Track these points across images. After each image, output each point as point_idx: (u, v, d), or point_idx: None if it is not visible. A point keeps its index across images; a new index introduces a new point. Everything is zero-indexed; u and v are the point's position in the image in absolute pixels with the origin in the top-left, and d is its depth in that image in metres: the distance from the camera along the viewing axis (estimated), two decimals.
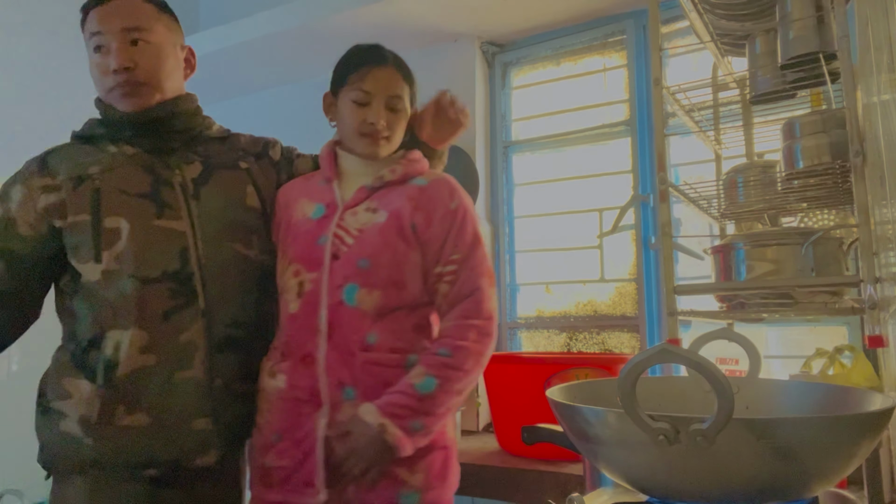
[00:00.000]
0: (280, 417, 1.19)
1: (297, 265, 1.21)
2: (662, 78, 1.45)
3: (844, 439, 0.62)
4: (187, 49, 1.32)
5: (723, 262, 1.47)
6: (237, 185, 1.27)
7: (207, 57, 2.63)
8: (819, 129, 1.37)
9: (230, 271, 1.22)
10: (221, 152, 1.30)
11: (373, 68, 1.24)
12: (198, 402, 1.16)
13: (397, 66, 1.27)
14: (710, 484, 0.63)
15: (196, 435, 1.16)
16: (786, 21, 1.40)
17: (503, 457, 1.83)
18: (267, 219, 1.30)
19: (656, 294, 2.18)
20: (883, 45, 0.93)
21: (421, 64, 2.51)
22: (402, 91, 1.26)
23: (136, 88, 1.19)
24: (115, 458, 1.14)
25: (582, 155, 2.41)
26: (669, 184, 1.45)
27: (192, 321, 1.17)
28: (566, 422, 0.74)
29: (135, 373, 1.14)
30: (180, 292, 1.17)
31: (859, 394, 0.78)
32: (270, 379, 1.21)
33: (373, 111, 1.22)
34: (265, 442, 1.20)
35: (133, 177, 1.20)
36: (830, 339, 1.81)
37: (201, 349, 1.17)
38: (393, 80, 1.25)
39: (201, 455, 1.17)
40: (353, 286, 1.18)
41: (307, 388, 1.17)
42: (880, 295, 1.12)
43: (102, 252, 1.16)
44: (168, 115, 1.23)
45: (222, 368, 1.19)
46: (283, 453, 1.18)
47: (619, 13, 2.30)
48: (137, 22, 1.19)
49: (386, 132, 1.24)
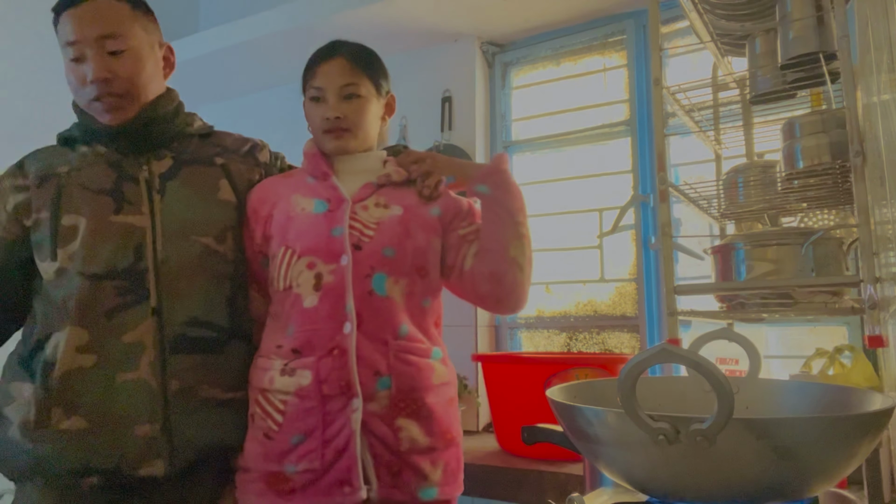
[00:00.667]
0: (302, 417, 1.13)
1: (311, 257, 1.18)
2: (662, 78, 1.45)
3: (844, 439, 0.62)
4: (165, 47, 1.27)
5: (723, 262, 1.47)
6: (208, 179, 1.22)
7: (207, 57, 2.64)
8: (819, 129, 1.37)
9: (195, 267, 1.15)
10: (198, 148, 1.26)
11: (321, 64, 1.25)
12: (142, 407, 1.08)
13: (350, 56, 1.25)
14: (710, 484, 0.63)
15: (138, 442, 1.07)
16: (786, 21, 1.40)
17: (503, 457, 1.83)
18: (242, 214, 1.24)
19: (656, 294, 2.18)
20: (883, 45, 0.93)
21: (421, 64, 2.55)
22: (357, 78, 1.24)
23: (117, 101, 1.16)
24: (54, 464, 1.07)
25: (582, 155, 2.41)
26: (669, 184, 1.45)
27: (139, 320, 1.10)
28: (566, 422, 0.74)
29: (71, 373, 1.08)
30: (129, 290, 1.11)
31: (859, 394, 0.78)
32: (286, 378, 1.15)
33: (328, 106, 1.23)
34: (281, 448, 1.13)
35: (97, 174, 1.17)
36: (830, 339, 1.82)
37: (150, 350, 1.10)
38: (343, 71, 1.24)
39: (146, 464, 1.07)
40: (381, 275, 1.18)
41: (338, 382, 1.13)
42: (880, 295, 1.12)
43: (58, 250, 1.12)
44: (146, 122, 1.19)
45: (180, 371, 1.11)
46: (309, 455, 1.12)
47: (619, 13, 2.30)
48: (112, 28, 1.13)
49: (345, 124, 1.23)
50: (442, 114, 2.46)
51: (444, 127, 2.45)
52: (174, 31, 2.87)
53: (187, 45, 2.64)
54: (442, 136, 2.45)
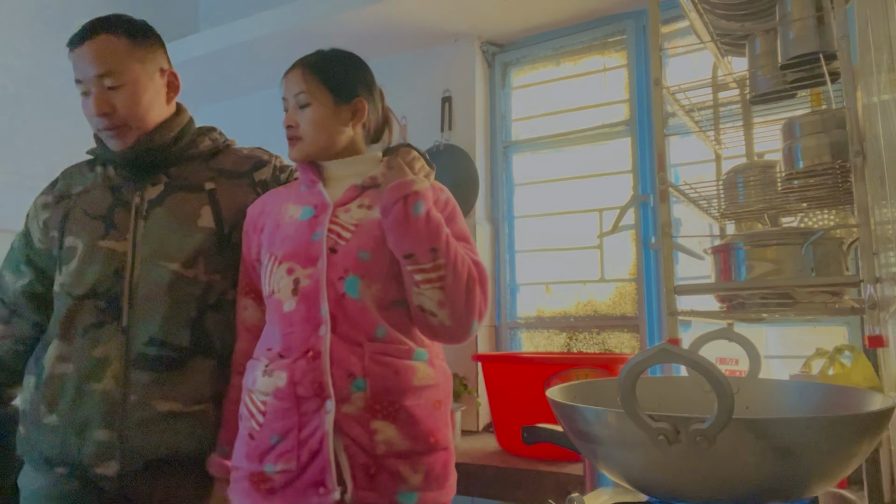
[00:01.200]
0: (279, 418, 1.15)
1: (290, 263, 1.20)
2: (662, 78, 1.45)
3: (844, 439, 0.62)
4: (168, 73, 1.35)
5: (723, 262, 1.47)
6: (191, 206, 1.30)
7: (207, 57, 2.64)
8: (819, 129, 1.37)
9: (163, 292, 1.24)
10: (194, 172, 1.34)
11: (285, 75, 1.29)
12: (103, 414, 1.20)
13: (307, 64, 1.28)
14: (710, 484, 0.63)
15: (96, 444, 1.19)
16: (786, 21, 1.40)
17: (503, 457, 1.83)
18: (223, 239, 1.30)
19: (656, 294, 2.18)
20: (883, 45, 0.93)
21: (421, 64, 2.55)
22: (308, 87, 1.25)
23: (120, 131, 1.27)
24: (35, 450, 1.24)
25: (582, 155, 2.41)
26: (669, 184, 1.45)
27: (110, 337, 1.23)
28: (566, 422, 0.74)
29: (53, 378, 1.24)
30: (105, 310, 1.24)
31: (859, 394, 0.78)
32: (266, 378, 1.17)
33: (286, 115, 1.28)
34: (261, 447, 1.16)
35: (98, 198, 1.31)
36: (830, 339, 1.82)
37: (115, 364, 1.21)
38: (295, 79, 1.27)
39: (100, 465, 1.20)
40: (354, 278, 1.17)
41: (312, 384, 1.14)
42: (880, 295, 1.12)
43: (62, 267, 1.29)
44: (144, 150, 1.29)
45: (138, 386, 1.21)
46: (285, 455, 1.14)
47: (619, 13, 2.30)
48: (109, 66, 1.24)
49: (297, 132, 1.26)
50: (442, 114, 2.46)
51: (444, 127, 2.45)
52: (174, 31, 2.87)
53: (187, 45, 2.65)
54: (442, 136, 2.45)
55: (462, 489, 1.75)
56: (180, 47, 2.66)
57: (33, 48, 2.47)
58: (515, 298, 2.48)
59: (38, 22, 2.51)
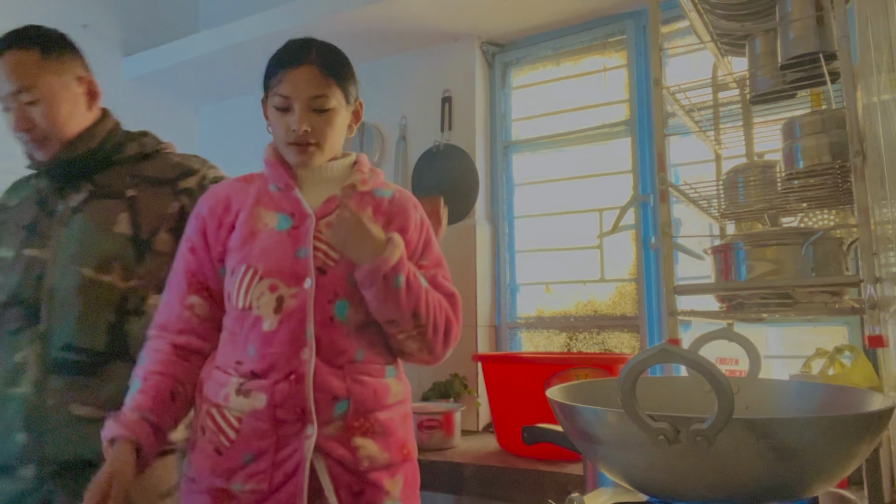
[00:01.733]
0: (255, 438, 1.11)
1: (274, 279, 1.13)
2: (662, 78, 1.45)
3: (844, 439, 0.62)
4: (86, 80, 1.36)
5: (723, 262, 1.47)
6: (109, 212, 1.32)
7: (207, 57, 2.64)
8: (819, 129, 1.37)
9: (77, 297, 1.26)
10: (116, 179, 1.35)
11: (289, 71, 1.16)
12: (21, 417, 1.22)
13: (321, 63, 1.17)
14: (710, 484, 0.63)
15: (16, 447, 1.22)
16: (786, 21, 1.40)
17: (503, 457, 1.83)
18: (141, 245, 1.31)
19: (656, 294, 2.18)
20: (883, 45, 0.93)
21: (421, 64, 2.55)
22: (327, 89, 1.16)
23: (41, 143, 1.31)
24: None
25: (582, 155, 2.41)
26: (669, 184, 1.45)
27: (29, 343, 1.25)
28: (566, 422, 0.74)
29: None
30: (26, 316, 1.26)
31: (859, 394, 0.78)
32: (241, 398, 1.12)
33: (294, 117, 1.16)
34: (231, 464, 1.11)
35: (26, 209, 1.35)
36: (830, 339, 1.81)
37: (33, 369, 1.23)
38: (313, 80, 1.16)
39: (21, 466, 1.22)
40: (343, 302, 1.14)
41: (294, 408, 1.10)
42: (880, 295, 1.12)
43: None
44: (67, 160, 1.32)
45: (55, 390, 1.23)
46: (258, 476, 1.10)
47: (619, 13, 2.30)
48: (22, 81, 1.26)
49: (312, 138, 1.17)
50: (442, 114, 2.46)
51: (444, 127, 2.45)
52: (174, 31, 2.88)
53: (187, 45, 2.65)
54: (442, 136, 2.45)
55: (462, 489, 1.76)
56: (180, 47, 2.66)
57: None
58: (515, 298, 2.48)
59: None
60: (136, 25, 2.80)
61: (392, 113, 2.57)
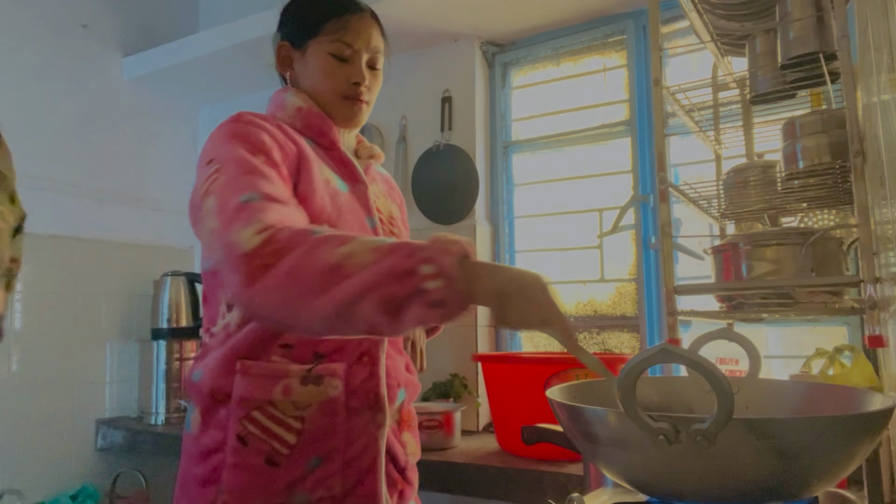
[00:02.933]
0: (324, 435, 0.95)
1: None
2: (662, 78, 1.45)
3: (844, 439, 0.62)
4: None
5: (723, 263, 1.47)
6: None
7: (207, 57, 2.64)
8: (819, 129, 1.37)
9: None
10: None
11: (353, 16, 1.05)
12: None
13: (374, 16, 1.09)
14: (710, 484, 0.63)
15: None
16: (786, 21, 1.40)
17: (503, 457, 1.83)
18: None
19: (656, 294, 2.18)
20: (883, 45, 0.93)
21: (421, 64, 2.54)
22: (383, 47, 1.09)
23: None
24: None
25: (582, 155, 2.41)
26: (669, 184, 1.45)
27: None
28: (566, 422, 0.74)
29: None
30: None
31: (859, 394, 0.78)
32: (310, 387, 0.95)
33: (356, 69, 1.05)
34: (293, 474, 0.93)
35: None
36: (830, 339, 1.81)
37: None
38: (375, 33, 1.07)
39: None
40: None
41: (367, 394, 0.98)
42: (880, 295, 1.12)
43: None
44: None
45: None
46: (327, 481, 0.94)
47: (619, 13, 2.30)
48: None
49: (366, 96, 1.07)
50: (442, 114, 2.46)
51: (444, 127, 2.45)
52: (174, 31, 2.88)
53: (187, 45, 2.64)
54: (442, 135, 2.45)
55: (462, 489, 1.76)
56: (180, 47, 2.66)
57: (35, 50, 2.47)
58: None
59: (40, 22, 2.50)
60: (136, 25, 2.79)
61: (392, 113, 2.57)
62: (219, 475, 0.94)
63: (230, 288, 0.80)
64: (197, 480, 0.96)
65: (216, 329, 1.01)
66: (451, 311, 0.76)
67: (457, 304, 0.76)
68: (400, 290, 0.74)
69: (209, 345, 1.01)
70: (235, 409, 0.94)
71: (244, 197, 0.84)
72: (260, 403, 0.94)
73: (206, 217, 0.86)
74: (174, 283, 2.60)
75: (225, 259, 0.80)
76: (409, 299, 0.75)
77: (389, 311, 0.75)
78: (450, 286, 0.75)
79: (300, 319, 0.78)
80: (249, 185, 0.86)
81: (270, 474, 0.93)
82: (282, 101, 1.08)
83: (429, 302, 0.75)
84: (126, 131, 2.74)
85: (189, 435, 1.00)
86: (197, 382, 0.98)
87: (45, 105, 2.48)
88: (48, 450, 2.39)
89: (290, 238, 0.79)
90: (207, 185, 0.89)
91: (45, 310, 2.42)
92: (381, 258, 0.75)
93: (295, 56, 1.10)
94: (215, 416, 0.96)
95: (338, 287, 0.74)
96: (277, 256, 0.77)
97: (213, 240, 0.84)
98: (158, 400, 2.51)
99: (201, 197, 0.89)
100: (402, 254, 0.76)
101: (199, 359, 1.01)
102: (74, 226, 2.53)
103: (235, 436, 0.94)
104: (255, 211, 0.82)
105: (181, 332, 2.57)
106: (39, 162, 2.43)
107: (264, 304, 0.78)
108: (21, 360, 2.34)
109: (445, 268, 0.75)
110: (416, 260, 0.75)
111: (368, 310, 0.75)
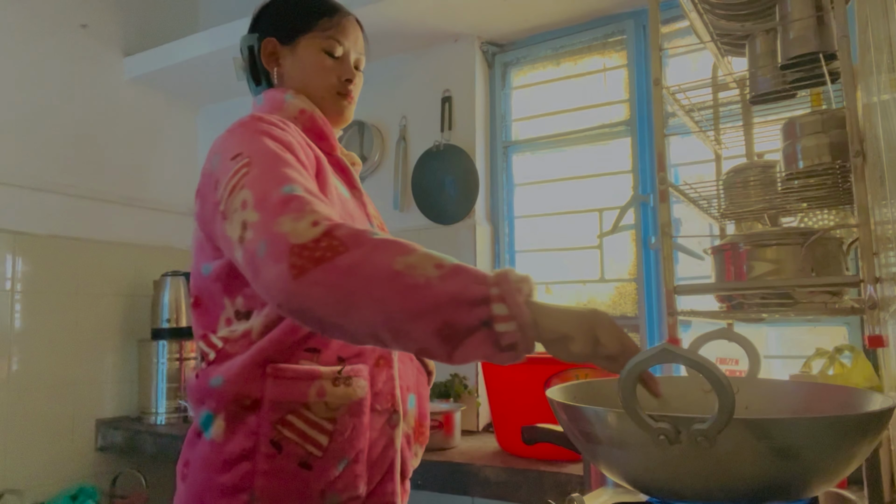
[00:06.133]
0: (353, 436, 0.94)
1: None
2: (662, 78, 1.45)
3: (844, 439, 0.62)
4: None
5: (723, 262, 1.47)
6: None
7: (207, 57, 2.64)
8: (819, 129, 1.37)
9: None
10: None
11: (345, 19, 1.10)
12: None
13: (359, 22, 1.15)
14: (710, 484, 0.63)
15: None
16: (786, 21, 1.40)
17: (503, 457, 1.83)
18: None
19: (656, 294, 2.18)
20: (883, 45, 0.93)
21: (421, 64, 2.54)
22: (364, 50, 1.13)
23: None
24: None
25: (582, 155, 2.41)
26: (669, 184, 1.45)
27: None
28: (566, 422, 0.74)
29: None
30: None
31: (859, 394, 0.78)
32: (341, 388, 0.94)
33: (347, 67, 1.07)
34: (325, 477, 0.92)
35: None
36: (830, 339, 1.82)
37: None
38: (361, 36, 1.12)
39: None
40: None
41: (386, 395, 0.98)
42: (880, 295, 1.12)
43: None
44: None
45: None
46: (355, 482, 0.94)
47: (619, 13, 2.30)
48: None
49: (355, 94, 1.10)
50: (442, 114, 2.46)
51: (444, 127, 2.45)
52: (174, 31, 2.88)
53: (187, 45, 2.64)
54: (442, 135, 2.45)
55: (462, 489, 1.76)
56: (180, 47, 2.66)
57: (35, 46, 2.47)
58: None
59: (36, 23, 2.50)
60: (136, 25, 2.80)
61: (392, 113, 2.57)
62: (249, 482, 0.91)
63: (267, 280, 0.75)
64: (222, 490, 0.91)
65: (223, 335, 0.96)
66: (519, 356, 0.73)
67: (526, 349, 0.73)
68: (464, 319, 0.70)
69: (228, 351, 0.95)
70: (268, 414, 0.91)
71: (286, 188, 0.81)
72: (294, 406, 0.92)
73: (238, 211, 0.82)
74: (174, 283, 2.61)
75: (268, 251, 0.76)
76: (472, 332, 0.71)
77: (447, 339, 0.71)
78: (522, 332, 0.71)
79: (347, 321, 0.73)
80: (288, 179, 0.83)
81: (305, 478, 0.91)
82: (280, 102, 1.06)
83: (499, 344, 0.71)
84: (126, 131, 2.74)
85: (210, 443, 0.93)
86: (218, 388, 0.93)
87: (45, 105, 2.47)
88: (48, 450, 2.39)
89: (348, 235, 0.75)
90: (237, 178, 0.86)
91: (45, 310, 2.42)
92: (447, 277, 0.72)
93: (282, 52, 1.08)
94: (243, 422, 0.92)
95: (398, 297, 0.71)
96: (335, 252, 0.73)
97: (253, 233, 0.79)
98: (158, 400, 2.51)
99: (229, 191, 0.86)
100: (468, 278, 0.72)
101: (214, 364, 0.95)
102: (74, 226, 2.53)
103: (269, 441, 0.91)
104: (304, 202, 0.79)
105: (181, 332, 2.57)
106: (39, 162, 2.43)
107: (311, 298, 0.73)
108: (21, 360, 2.34)
109: (519, 311, 0.71)
110: (484, 289, 0.71)
111: (424, 331, 0.71)
